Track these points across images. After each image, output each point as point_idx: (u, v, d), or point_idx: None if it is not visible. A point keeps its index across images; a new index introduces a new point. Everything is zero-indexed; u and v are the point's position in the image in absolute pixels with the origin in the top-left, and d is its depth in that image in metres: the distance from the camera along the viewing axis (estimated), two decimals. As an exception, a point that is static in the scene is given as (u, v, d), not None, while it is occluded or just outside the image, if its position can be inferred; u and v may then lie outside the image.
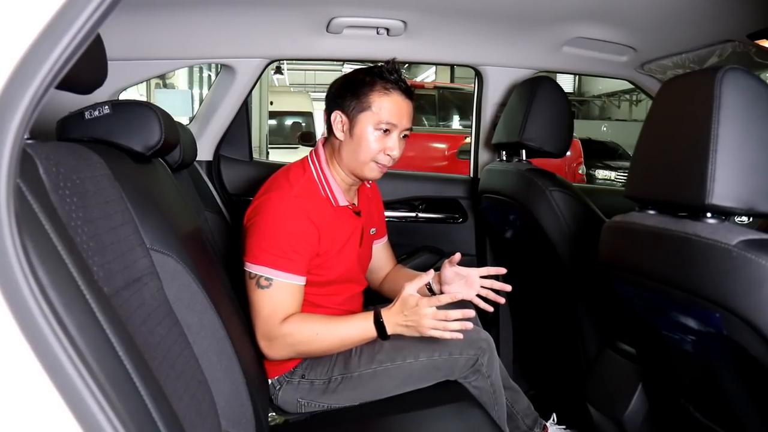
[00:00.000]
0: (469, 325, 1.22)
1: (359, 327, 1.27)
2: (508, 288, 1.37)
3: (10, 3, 0.47)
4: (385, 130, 1.31)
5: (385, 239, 1.64)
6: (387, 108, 1.31)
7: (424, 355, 1.34)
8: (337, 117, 1.34)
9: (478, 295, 1.39)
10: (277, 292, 1.25)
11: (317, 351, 1.30)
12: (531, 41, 1.85)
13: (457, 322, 1.21)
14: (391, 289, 1.57)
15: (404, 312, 1.23)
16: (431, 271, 1.29)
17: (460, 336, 1.22)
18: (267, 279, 1.25)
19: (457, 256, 1.40)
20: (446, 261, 1.42)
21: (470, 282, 1.40)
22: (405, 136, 1.36)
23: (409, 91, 1.34)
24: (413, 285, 1.25)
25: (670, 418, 1.24)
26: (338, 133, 1.35)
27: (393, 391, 1.35)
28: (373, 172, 1.35)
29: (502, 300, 1.38)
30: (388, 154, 1.33)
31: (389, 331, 1.25)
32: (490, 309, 1.37)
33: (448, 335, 1.21)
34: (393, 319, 1.25)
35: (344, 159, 1.35)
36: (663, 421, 1.28)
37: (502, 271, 1.40)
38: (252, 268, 1.26)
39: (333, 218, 1.34)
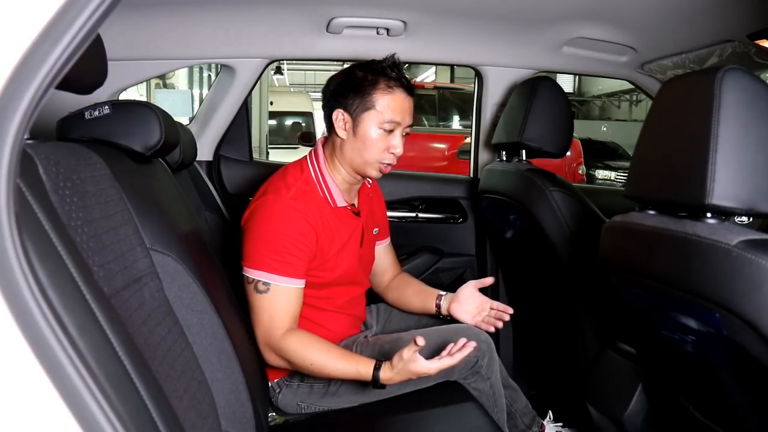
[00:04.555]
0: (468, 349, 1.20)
1: (353, 373, 1.22)
2: (510, 311, 1.45)
3: (10, 3, 0.47)
4: (390, 130, 1.31)
5: (387, 241, 1.63)
6: (391, 107, 1.30)
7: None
8: (339, 115, 1.33)
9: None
10: (275, 297, 1.25)
11: (308, 373, 1.29)
12: (531, 41, 1.85)
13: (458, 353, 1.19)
14: (398, 301, 1.59)
15: (398, 366, 1.19)
16: (421, 339, 1.16)
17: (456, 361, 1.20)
18: (264, 284, 1.24)
19: (489, 280, 1.48)
20: (474, 281, 1.48)
21: (481, 308, 1.47)
22: (406, 134, 1.37)
23: (411, 88, 1.35)
24: (414, 359, 1.18)
25: (670, 418, 1.23)
26: (340, 132, 1.33)
27: (393, 392, 1.34)
28: (375, 171, 1.35)
29: (500, 325, 1.46)
30: (392, 153, 1.33)
31: (385, 383, 1.21)
32: (492, 329, 1.45)
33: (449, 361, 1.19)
34: (389, 374, 1.20)
35: (347, 157, 1.35)
36: (663, 421, 1.28)
37: (509, 310, 1.46)
38: (250, 273, 1.26)
39: (331, 219, 1.34)
